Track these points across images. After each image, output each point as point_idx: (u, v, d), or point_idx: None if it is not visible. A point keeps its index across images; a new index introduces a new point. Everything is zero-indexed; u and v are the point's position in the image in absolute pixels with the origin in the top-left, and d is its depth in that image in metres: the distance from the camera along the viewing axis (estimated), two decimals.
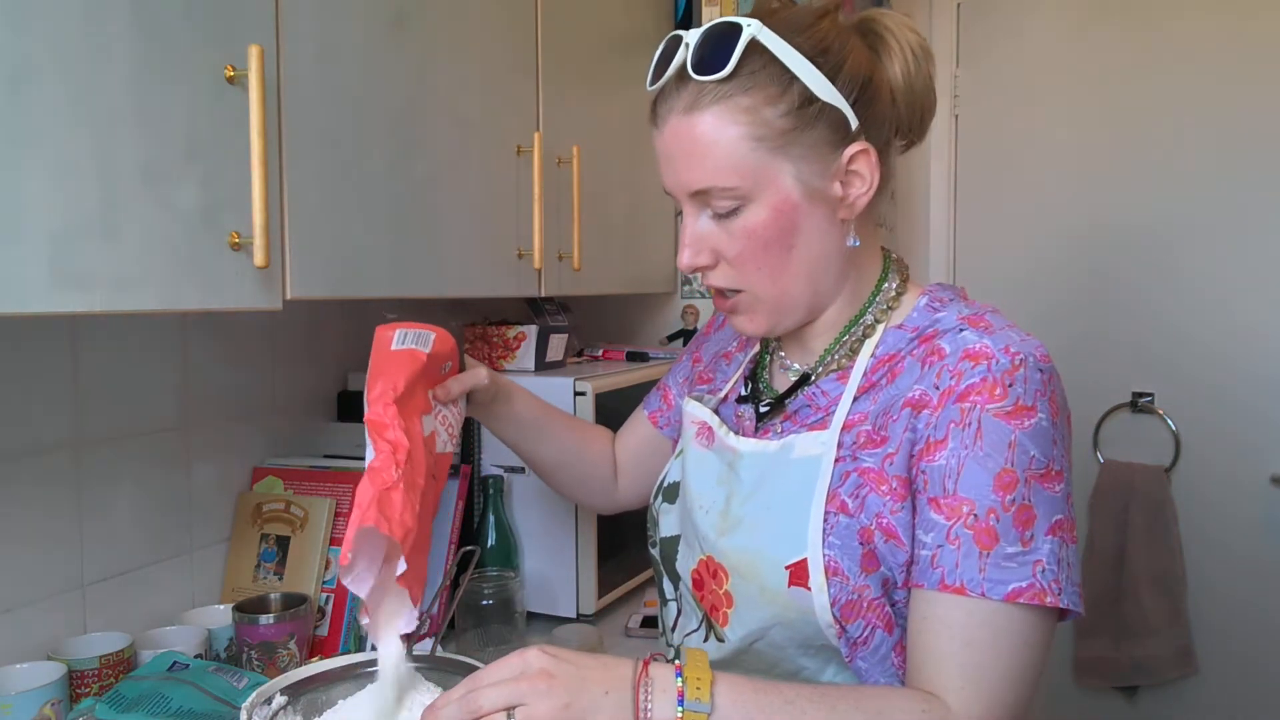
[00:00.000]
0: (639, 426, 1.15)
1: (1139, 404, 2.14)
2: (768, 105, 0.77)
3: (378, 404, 0.84)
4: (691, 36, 0.79)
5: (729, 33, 0.77)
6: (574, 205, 1.44)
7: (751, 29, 0.77)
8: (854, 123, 0.79)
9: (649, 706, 0.68)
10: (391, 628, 0.82)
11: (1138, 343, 2.14)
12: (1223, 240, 2.04)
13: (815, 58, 0.78)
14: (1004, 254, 2.28)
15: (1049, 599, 0.72)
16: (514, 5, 1.34)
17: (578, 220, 1.44)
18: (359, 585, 0.80)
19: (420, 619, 0.84)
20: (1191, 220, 2.07)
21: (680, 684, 0.69)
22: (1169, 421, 2.11)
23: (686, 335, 1.93)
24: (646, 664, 0.71)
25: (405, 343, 0.91)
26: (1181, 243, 2.09)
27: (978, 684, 0.72)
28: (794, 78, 0.77)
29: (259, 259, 0.86)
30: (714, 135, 0.78)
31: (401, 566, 0.79)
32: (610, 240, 1.62)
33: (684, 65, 0.79)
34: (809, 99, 0.78)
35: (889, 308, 0.87)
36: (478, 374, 1.02)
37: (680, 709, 0.68)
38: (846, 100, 0.79)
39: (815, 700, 0.70)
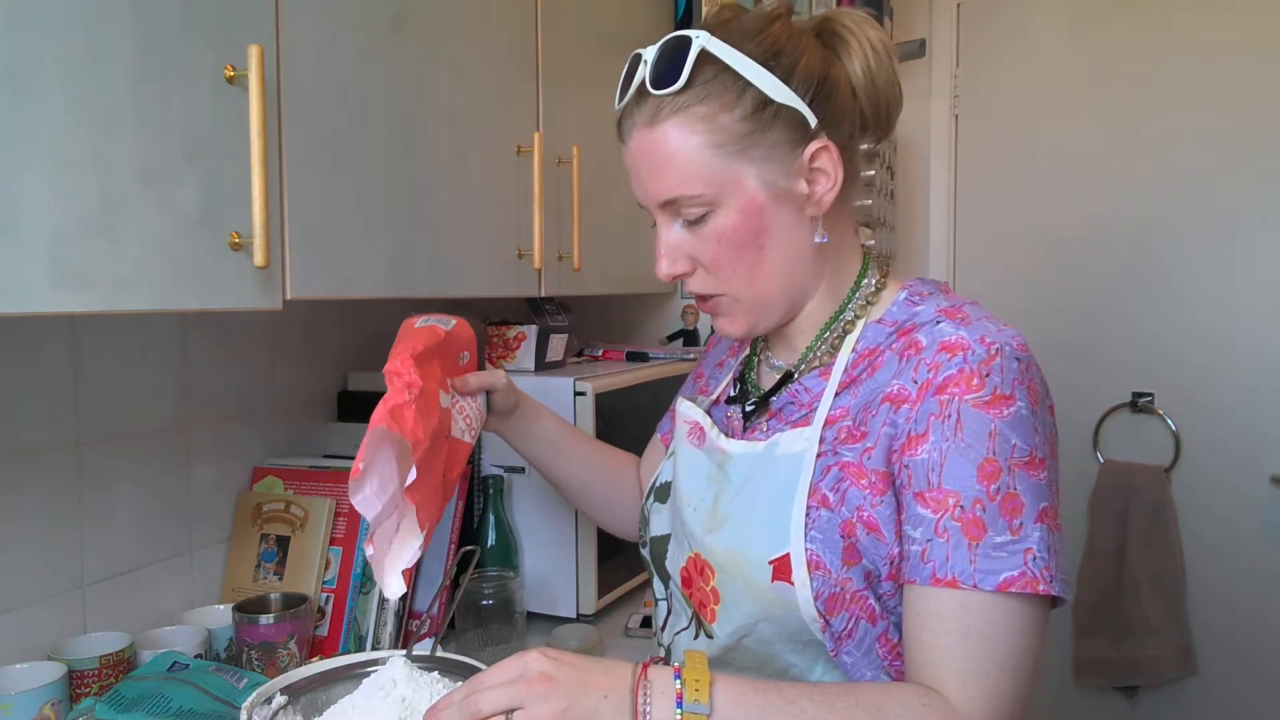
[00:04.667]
0: (655, 449, 1.16)
1: (1139, 404, 2.14)
2: (724, 112, 0.79)
3: (396, 359, 0.88)
4: (649, 54, 0.81)
5: (680, 46, 0.79)
6: (574, 205, 1.44)
7: (700, 40, 0.79)
8: (813, 121, 0.81)
9: (648, 709, 0.68)
10: (397, 560, 0.83)
11: (1138, 343, 2.14)
12: (1223, 240, 2.04)
13: (767, 61, 0.79)
14: (1004, 254, 2.28)
15: (1041, 587, 0.72)
16: (514, 6, 1.34)
17: (578, 220, 1.45)
18: (368, 506, 0.81)
19: (420, 619, 0.84)
20: (1192, 219, 2.07)
21: (679, 686, 0.69)
22: (1169, 422, 2.11)
23: (686, 335, 1.93)
24: (646, 667, 0.71)
25: (427, 323, 0.97)
26: (1182, 242, 2.09)
27: (977, 676, 0.72)
28: (747, 83, 0.79)
29: (259, 259, 0.87)
30: (675, 146, 0.79)
31: (412, 474, 0.80)
32: (610, 240, 1.62)
33: (643, 82, 0.81)
34: (764, 102, 0.79)
35: (869, 303, 0.88)
36: (496, 374, 1.06)
37: (679, 711, 0.68)
38: (803, 99, 0.80)
39: (815, 699, 0.70)
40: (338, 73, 1.01)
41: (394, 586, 0.84)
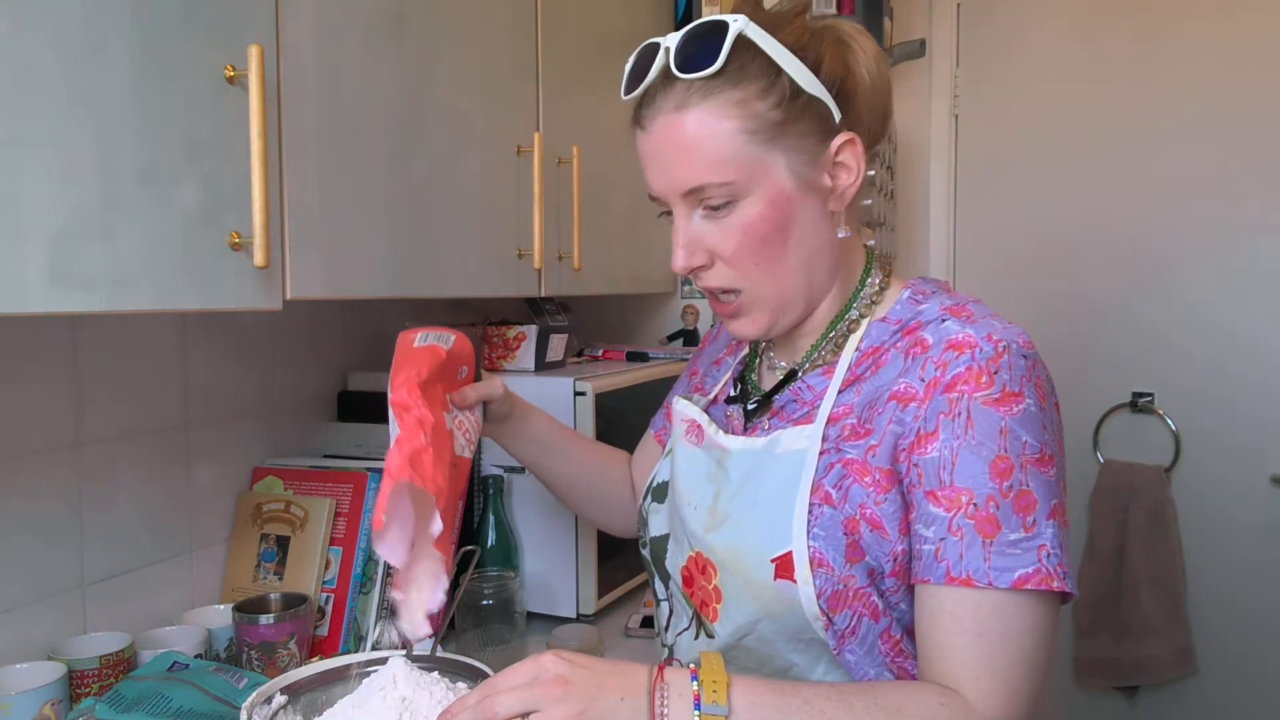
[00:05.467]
0: (648, 446, 1.16)
1: (1139, 404, 2.14)
2: (758, 98, 0.78)
3: (402, 388, 0.86)
4: (671, 40, 0.80)
5: (716, 29, 0.78)
6: (574, 205, 1.44)
7: (739, 24, 0.78)
8: (837, 115, 0.81)
9: (665, 711, 0.68)
10: (423, 605, 0.83)
11: (1138, 342, 2.14)
12: (1223, 239, 2.04)
13: (797, 52, 0.79)
14: (1004, 254, 2.28)
15: (1055, 583, 0.72)
16: (514, 6, 1.34)
17: (578, 220, 1.44)
18: (393, 554, 0.79)
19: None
20: (1192, 219, 2.07)
21: (696, 687, 0.69)
22: (1169, 421, 2.11)
23: (686, 335, 1.93)
24: (662, 668, 0.71)
25: (427, 341, 0.94)
26: (1182, 242, 2.09)
27: (992, 674, 0.72)
28: (781, 70, 0.78)
29: (259, 259, 0.87)
30: (706, 130, 0.78)
31: (438, 526, 0.79)
32: (610, 240, 1.62)
33: (666, 67, 0.80)
34: (796, 91, 0.79)
35: (873, 302, 0.88)
36: (493, 383, 1.04)
37: (697, 713, 0.68)
38: (829, 93, 0.80)
39: (833, 699, 0.70)
40: (338, 73, 1.01)
41: (419, 629, 0.83)
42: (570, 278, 1.47)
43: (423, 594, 0.83)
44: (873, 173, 1.85)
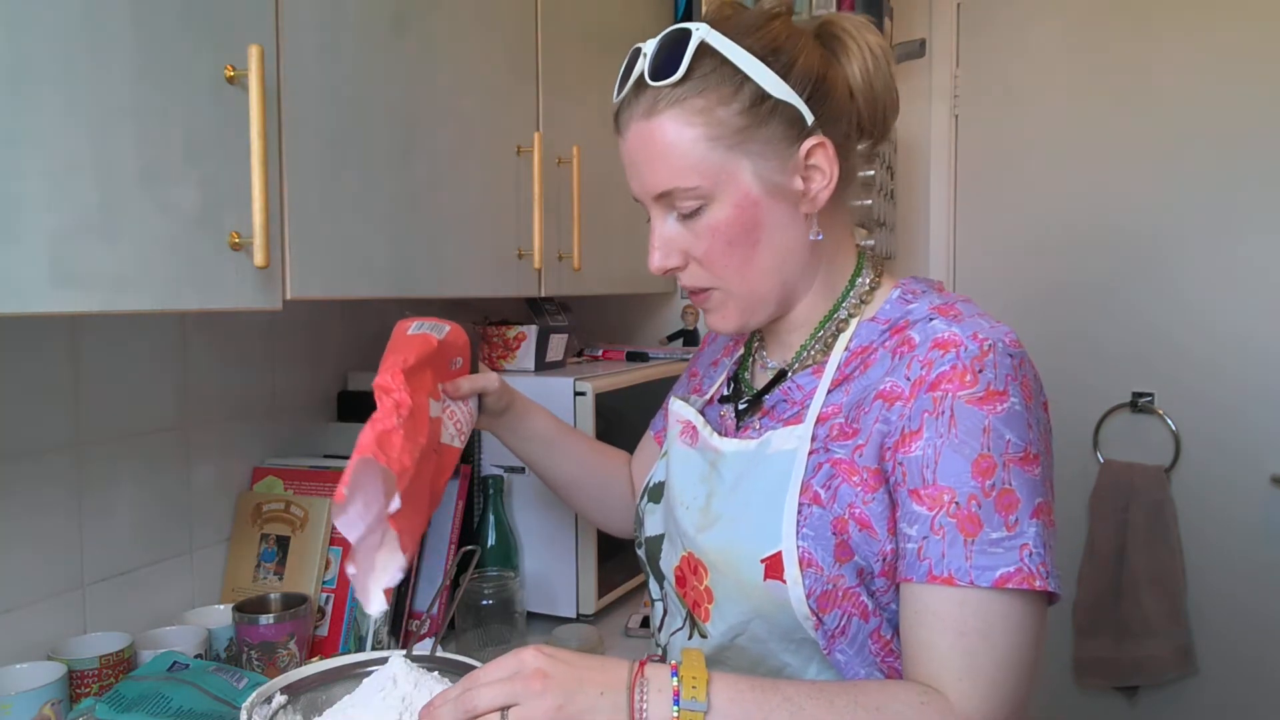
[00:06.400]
0: (648, 446, 1.16)
1: (1139, 404, 2.14)
2: (721, 105, 0.79)
3: (386, 372, 0.87)
4: (649, 46, 0.82)
5: (680, 38, 0.80)
6: (574, 205, 1.44)
7: (700, 33, 0.79)
8: (809, 118, 0.81)
9: (644, 707, 0.68)
10: (379, 579, 0.83)
11: (1138, 342, 2.14)
12: (1223, 240, 2.04)
13: (766, 57, 0.79)
14: (1004, 254, 2.28)
15: (1037, 583, 0.72)
16: (514, 6, 1.34)
17: (578, 220, 1.45)
18: (351, 528, 0.80)
19: (420, 619, 0.84)
20: (1192, 220, 2.07)
21: (676, 683, 0.69)
22: (1169, 421, 2.11)
23: (686, 335, 1.93)
24: (643, 664, 0.71)
25: (421, 330, 0.96)
26: (1182, 242, 2.09)
27: (974, 673, 0.72)
28: (746, 77, 0.79)
29: (259, 259, 0.87)
30: (672, 137, 0.80)
31: (395, 504, 0.80)
32: (610, 240, 1.62)
33: (642, 74, 0.81)
34: (761, 97, 0.79)
35: (863, 301, 0.88)
36: (489, 376, 1.05)
37: (676, 708, 0.68)
38: (800, 96, 0.80)
39: (813, 696, 0.70)
40: (338, 73, 1.01)
41: (375, 604, 0.84)
42: (570, 278, 1.47)
43: (379, 568, 0.83)
44: (872, 173, 1.85)
